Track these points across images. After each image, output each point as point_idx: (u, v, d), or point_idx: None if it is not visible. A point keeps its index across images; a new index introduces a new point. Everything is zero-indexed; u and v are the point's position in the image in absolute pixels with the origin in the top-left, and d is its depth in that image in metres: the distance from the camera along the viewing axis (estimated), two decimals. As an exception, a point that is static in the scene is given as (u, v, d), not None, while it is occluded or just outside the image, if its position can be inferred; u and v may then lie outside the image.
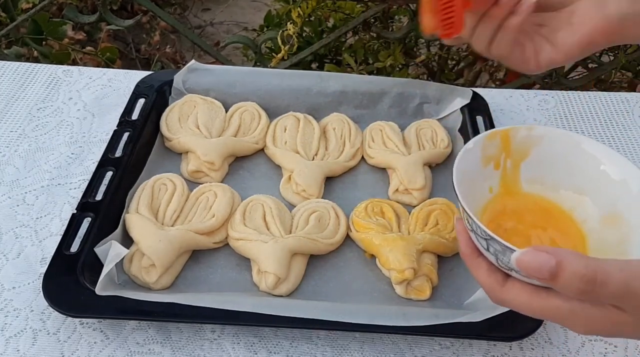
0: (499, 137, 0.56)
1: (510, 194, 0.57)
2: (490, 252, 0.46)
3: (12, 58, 1.43)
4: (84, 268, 0.62)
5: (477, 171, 0.55)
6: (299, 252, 0.67)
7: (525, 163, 0.57)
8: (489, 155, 0.56)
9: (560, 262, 0.39)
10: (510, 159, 0.57)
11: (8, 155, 0.82)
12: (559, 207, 0.56)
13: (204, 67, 0.89)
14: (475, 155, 0.55)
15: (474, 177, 0.54)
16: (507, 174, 0.57)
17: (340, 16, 1.56)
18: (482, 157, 0.55)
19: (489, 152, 0.56)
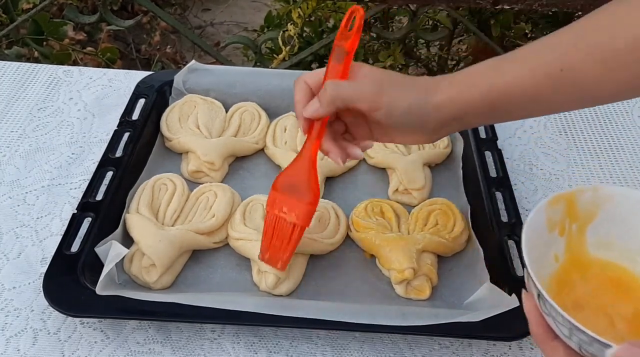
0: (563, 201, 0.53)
1: (577, 262, 0.53)
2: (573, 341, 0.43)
3: (12, 58, 1.44)
4: (85, 268, 0.62)
5: (542, 238, 0.51)
6: (299, 252, 0.67)
7: (592, 226, 0.53)
8: (554, 221, 0.53)
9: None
10: (576, 223, 0.54)
11: (9, 155, 0.82)
12: (632, 274, 0.52)
13: (204, 67, 0.89)
14: (540, 221, 0.51)
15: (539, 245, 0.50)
16: (572, 239, 0.54)
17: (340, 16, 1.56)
18: (547, 223, 0.52)
19: (553, 217, 0.52)
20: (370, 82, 0.57)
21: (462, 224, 0.70)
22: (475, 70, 0.56)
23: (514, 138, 0.88)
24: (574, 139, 0.88)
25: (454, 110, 0.55)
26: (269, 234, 0.62)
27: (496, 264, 0.65)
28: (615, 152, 0.86)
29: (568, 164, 0.84)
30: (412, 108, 0.56)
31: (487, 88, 0.54)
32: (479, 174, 0.75)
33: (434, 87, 0.56)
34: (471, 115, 0.56)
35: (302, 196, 0.61)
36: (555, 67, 0.52)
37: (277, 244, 0.62)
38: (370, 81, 0.57)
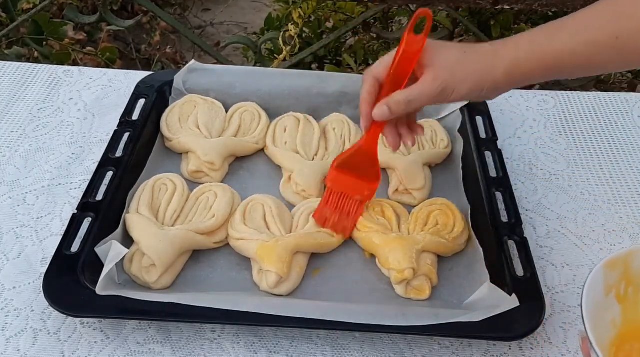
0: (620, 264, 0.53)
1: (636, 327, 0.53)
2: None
3: (12, 58, 1.44)
4: (85, 268, 0.62)
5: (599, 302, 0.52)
6: (300, 251, 0.67)
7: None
8: (610, 284, 0.53)
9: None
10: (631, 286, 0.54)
11: (9, 156, 0.82)
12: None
13: (204, 67, 0.89)
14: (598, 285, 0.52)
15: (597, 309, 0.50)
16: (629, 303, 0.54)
17: (340, 17, 1.56)
18: (604, 287, 0.53)
19: (610, 280, 0.53)
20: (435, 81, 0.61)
21: (462, 224, 0.70)
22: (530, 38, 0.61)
23: (514, 138, 0.88)
24: (574, 139, 0.88)
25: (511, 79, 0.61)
26: (331, 207, 0.70)
27: (496, 264, 0.65)
28: (615, 152, 0.86)
29: (568, 164, 0.84)
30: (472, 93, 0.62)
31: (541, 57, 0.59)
32: (479, 174, 0.75)
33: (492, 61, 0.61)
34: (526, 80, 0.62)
35: (368, 178, 0.71)
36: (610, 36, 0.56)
37: (343, 216, 0.70)
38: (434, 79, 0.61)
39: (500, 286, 0.61)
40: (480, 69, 0.61)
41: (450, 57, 0.62)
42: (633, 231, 0.75)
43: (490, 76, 0.60)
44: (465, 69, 0.61)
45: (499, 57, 0.60)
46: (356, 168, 0.71)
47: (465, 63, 0.61)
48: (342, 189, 0.71)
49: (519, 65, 0.60)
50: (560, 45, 0.58)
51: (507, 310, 0.59)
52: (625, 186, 0.81)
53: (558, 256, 0.71)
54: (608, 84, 1.57)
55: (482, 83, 0.61)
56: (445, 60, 0.62)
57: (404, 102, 0.63)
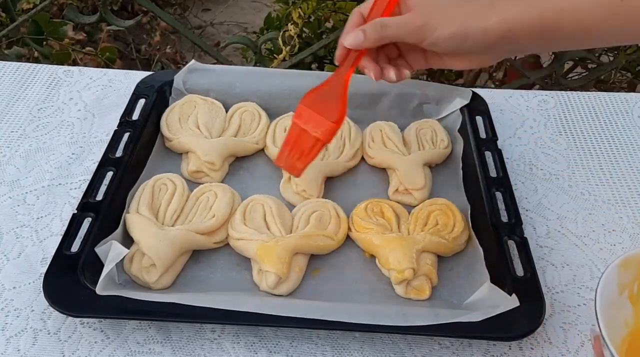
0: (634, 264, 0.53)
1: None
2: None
3: (12, 58, 1.44)
4: (85, 268, 0.62)
5: (613, 302, 0.52)
6: (300, 252, 0.67)
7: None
8: (624, 283, 0.53)
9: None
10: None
11: (9, 156, 0.82)
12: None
13: (204, 67, 0.89)
14: (611, 284, 0.52)
15: (610, 308, 0.51)
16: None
17: (340, 17, 1.56)
18: (618, 286, 0.52)
19: (623, 280, 0.53)
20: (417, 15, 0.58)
21: (462, 224, 0.70)
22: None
23: (514, 138, 0.88)
24: (574, 139, 0.88)
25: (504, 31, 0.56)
26: (289, 143, 0.66)
27: (496, 264, 0.65)
28: (615, 152, 0.86)
29: (568, 164, 0.84)
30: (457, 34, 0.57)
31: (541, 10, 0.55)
32: (479, 174, 0.75)
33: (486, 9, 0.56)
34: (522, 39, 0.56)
35: (330, 115, 0.65)
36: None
37: (297, 154, 0.66)
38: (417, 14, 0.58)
39: (500, 286, 0.61)
40: (470, 14, 0.57)
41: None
42: (633, 231, 0.75)
43: (481, 24, 0.56)
44: (452, 10, 0.57)
45: (494, 9, 0.56)
46: (322, 104, 0.66)
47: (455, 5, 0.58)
48: (305, 125, 0.66)
49: (516, 19, 0.55)
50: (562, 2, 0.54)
51: (507, 310, 0.59)
52: (625, 185, 0.81)
53: (558, 256, 0.71)
54: (608, 84, 1.57)
55: (469, 29, 0.57)
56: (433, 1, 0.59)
57: (380, 24, 0.59)
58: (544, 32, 0.56)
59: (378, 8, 0.62)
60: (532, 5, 0.55)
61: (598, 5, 0.53)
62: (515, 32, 0.56)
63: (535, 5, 0.55)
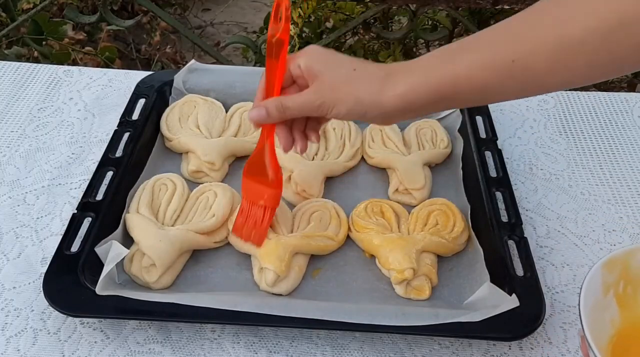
0: (619, 264, 0.53)
1: (634, 326, 0.53)
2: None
3: (12, 58, 1.44)
4: (85, 268, 0.62)
5: (597, 302, 0.52)
6: (300, 252, 0.67)
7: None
8: (609, 283, 0.53)
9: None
10: (630, 285, 0.54)
11: (9, 155, 0.82)
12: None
13: (204, 67, 0.89)
14: (596, 285, 0.52)
15: (596, 309, 0.51)
16: (627, 303, 0.54)
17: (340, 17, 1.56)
18: (602, 286, 0.53)
19: (608, 280, 0.53)
20: (314, 94, 0.59)
21: (462, 224, 0.70)
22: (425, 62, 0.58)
23: (514, 138, 0.88)
24: (574, 139, 0.88)
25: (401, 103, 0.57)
26: (243, 215, 0.68)
27: (496, 264, 0.65)
28: (615, 152, 0.86)
29: (568, 164, 0.84)
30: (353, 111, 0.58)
31: (436, 81, 0.55)
32: (479, 174, 0.75)
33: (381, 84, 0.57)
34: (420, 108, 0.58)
35: (268, 181, 0.67)
36: (507, 59, 0.53)
37: (251, 224, 0.67)
38: (314, 92, 0.59)
39: (500, 286, 0.61)
40: (364, 90, 0.57)
41: (337, 74, 0.59)
42: (633, 231, 0.75)
43: (375, 101, 0.57)
44: (348, 89, 0.58)
45: (391, 82, 0.56)
46: (259, 172, 0.67)
47: (351, 82, 0.58)
48: (250, 197, 0.68)
49: (413, 91, 0.56)
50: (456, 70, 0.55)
51: (507, 310, 0.59)
52: (625, 185, 0.81)
53: (558, 256, 0.71)
54: (608, 83, 1.57)
55: (365, 106, 0.57)
56: (331, 76, 0.59)
57: (281, 107, 0.61)
58: (442, 98, 0.56)
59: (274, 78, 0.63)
60: (427, 76, 0.56)
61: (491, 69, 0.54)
62: (412, 103, 0.56)
63: (431, 75, 0.56)
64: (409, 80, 0.56)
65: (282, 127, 0.64)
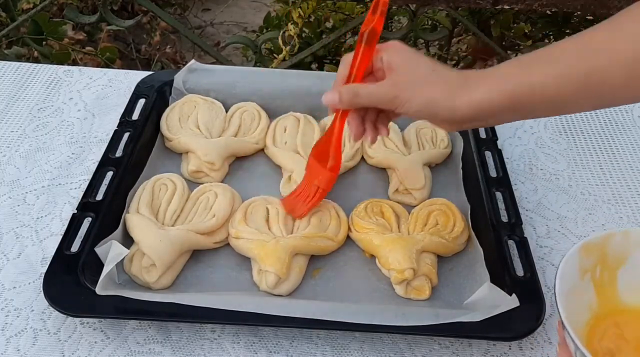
0: (595, 249, 0.53)
1: (610, 310, 0.54)
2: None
3: (12, 58, 1.44)
4: (85, 268, 0.62)
5: (574, 286, 0.52)
6: (300, 253, 0.67)
7: (622, 271, 0.54)
8: (585, 268, 0.53)
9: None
10: (606, 270, 0.54)
11: (9, 155, 0.82)
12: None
13: (204, 67, 0.89)
14: (572, 269, 0.52)
15: (573, 293, 0.51)
16: (604, 286, 0.54)
17: (340, 17, 1.56)
18: (579, 270, 0.53)
19: (585, 264, 0.53)
20: (390, 86, 0.60)
21: (462, 224, 0.70)
22: (505, 72, 0.58)
23: (514, 138, 0.88)
24: (574, 139, 0.88)
25: (473, 111, 0.57)
26: (298, 190, 0.71)
27: (496, 264, 0.65)
28: (615, 152, 0.86)
29: (568, 164, 0.84)
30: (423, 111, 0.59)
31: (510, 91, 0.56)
32: (479, 174, 0.75)
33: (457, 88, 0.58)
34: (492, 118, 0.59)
35: (327, 165, 0.70)
36: (582, 72, 0.54)
37: (301, 200, 0.71)
38: (390, 85, 0.61)
39: (500, 286, 0.61)
40: (440, 93, 0.58)
41: (416, 72, 0.60)
42: (633, 231, 0.75)
43: (448, 103, 0.57)
44: (424, 88, 0.59)
45: (466, 88, 0.57)
46: (323, 154, 0.71)
47: (428, 82, 0.59)
48: (309, 175, 0.72)
49: (489, 99, 0.56)
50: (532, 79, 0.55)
51: (507, 310, 0.59)
52: (625, 185, 0.81)
53: (558, 256, 0.71)
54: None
55: (437, 108, 0.58)
56: (410, 73, 0.60)
57: (353, 93, 0.62)
58: (515, 107, 0.57)
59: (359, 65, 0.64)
60: (503, 84, 0.56)
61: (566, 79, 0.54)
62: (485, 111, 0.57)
63: (507, 82, 0.56)
64: (484, 87, 0.57)
65: (355, 116, 0.66)
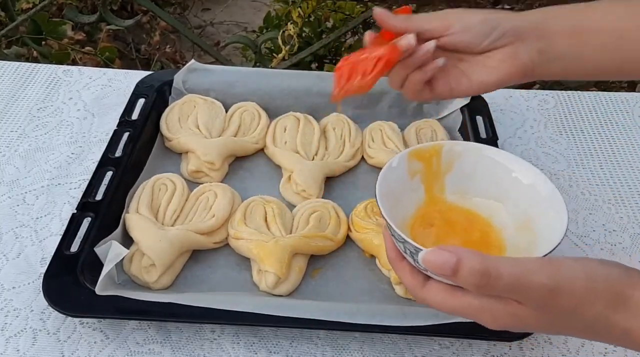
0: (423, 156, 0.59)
1: (436, 204, 0.60)
2: (408, 255, 0.49)
3: (12, 58, 1.44)
4: (84, 268, 0.62)
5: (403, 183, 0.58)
6: (300, 253, 0.67)
7: (449, 176, 0.60)
8: (415, 170, 0.59)
9: (460, 260, 0.43)
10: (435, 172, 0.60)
11: (8, 155, 0.82)
12: (479, 215, 0.59)
13: (204, 67, 0.89)
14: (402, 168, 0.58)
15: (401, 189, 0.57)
16: (432, 186, 0.60)
17: (340, 16, 1.56)
18: (408, 171, 0.58)
19: (414, 167, 0.59)
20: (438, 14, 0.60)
21: (462, 224, 0.70)
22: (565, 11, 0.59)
23: (514, 138, 0.88)
24: (574, 139, 0.88)
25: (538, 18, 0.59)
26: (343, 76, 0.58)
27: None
28: (615, 152, 0.86)
29: (568, 164, 0.84)
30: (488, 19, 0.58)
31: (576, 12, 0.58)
32: (479, 174, 0.75)
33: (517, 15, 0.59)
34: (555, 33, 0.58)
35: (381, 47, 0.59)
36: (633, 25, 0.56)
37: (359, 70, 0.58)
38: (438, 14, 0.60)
39: (500, 286, 0.61)
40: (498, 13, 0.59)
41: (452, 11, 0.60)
42: (633, 231, 0.75)
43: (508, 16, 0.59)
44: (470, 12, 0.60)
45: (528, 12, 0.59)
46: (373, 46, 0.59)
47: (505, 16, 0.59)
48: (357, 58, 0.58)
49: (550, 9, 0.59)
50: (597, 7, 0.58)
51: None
52: (625, 185, 0.81)
53: (558, 256, 0.71)
54: (608, 83, 1.57)
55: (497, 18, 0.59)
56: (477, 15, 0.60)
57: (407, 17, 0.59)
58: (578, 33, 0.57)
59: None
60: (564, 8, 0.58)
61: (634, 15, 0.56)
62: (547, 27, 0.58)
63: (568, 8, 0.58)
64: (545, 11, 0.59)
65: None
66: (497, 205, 0.59)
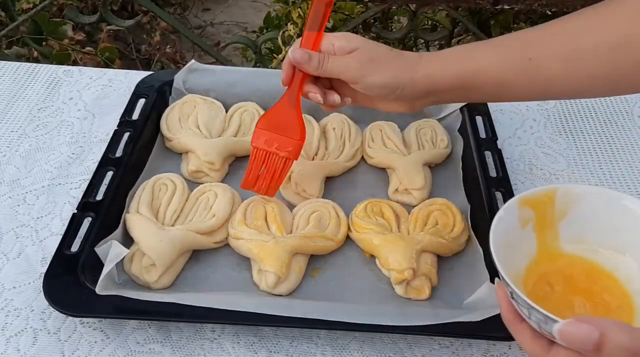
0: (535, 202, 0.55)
1: (550, 256, 0.56)
2: (533, 320, 0.46)
3: (12, 58, 1.44)
4: (85, 268, 0.62)
5: (514, 234, 0.54)
6: (300, 252, 0.67)
7: (563, 223, 0.56)
8: (526, 218, 0.55)
9: (604, 334, 0.40)
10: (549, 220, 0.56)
11: (9, 155, 0.82)
12: (601, 267, 0.55)
13: (204, 67, 0.89)
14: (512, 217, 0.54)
15: (512, 240, 0.53)
16: (545, 235, 0.56)
17: (340, 17, 1.56)
18: (519, 220, 0.54)
19: (525, 215, 0.55)
20: (357, 61, 0.63)
21: (462, 224, 0.70)
22: (453, 51, 0.65)
23: (514, 138, 0.88)
24: (574, 139, 0.88)
25: (429, 84, 0.62)
26: (257, 167, 0.69)
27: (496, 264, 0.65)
28: (615, 152, 0.86)
29: (568, 164, 0.84)
30: (389, 83, 0.63)
31: (461, 68, 0.62)
32: (479, 174, 0.75)
33: (415, 64, 0.63)
34: (444, 92, 0.63)
35: (291, 134, 0.68)
36: (524, 56, 0.59)
37: (268, 175, 0.69)
38: (357, 59, 0.64)
39: (500, 286, 0.61)
40: (401, 67, 0.63)
41: (377, 51, 0.64)
42: (633, 231, 0.75)
43: (410, 78, 0.62)
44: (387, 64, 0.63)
45: (421, 65, 0.62)
46: (280, 125, 0.68)
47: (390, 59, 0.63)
48: (269, 148, 0.68)
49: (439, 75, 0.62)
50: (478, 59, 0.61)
51: (507, 310, 0.59)
52: (625, 185, 0.81)
53: (558, 256, 0.71)
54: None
55: (399, 79, 0.62)
56: (371, 51, 0.64)
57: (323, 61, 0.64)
58: (463, 87, 0.62)
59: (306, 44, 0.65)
60: (451, 63, 0.62)
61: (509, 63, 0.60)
62: (438, 86, 0.62)
63: (455, 63, 0.62)
64: (437, 64, 0.62)
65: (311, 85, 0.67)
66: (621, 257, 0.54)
